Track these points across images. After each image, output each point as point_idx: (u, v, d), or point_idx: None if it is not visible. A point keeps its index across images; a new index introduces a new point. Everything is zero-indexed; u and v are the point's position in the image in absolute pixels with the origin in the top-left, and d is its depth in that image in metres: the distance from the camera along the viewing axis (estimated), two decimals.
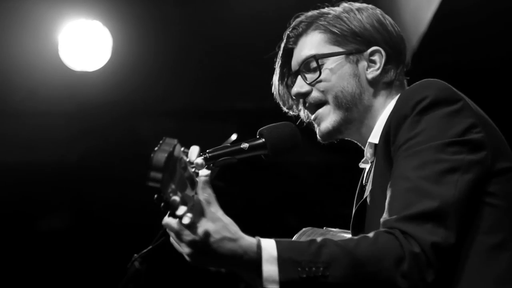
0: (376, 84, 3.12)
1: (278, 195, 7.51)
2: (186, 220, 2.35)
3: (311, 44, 3.16)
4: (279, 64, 3.27)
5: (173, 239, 2.56)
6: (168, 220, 2.47)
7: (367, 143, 3.09)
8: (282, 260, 2.51)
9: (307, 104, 3.17)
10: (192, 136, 2.38)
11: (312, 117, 3.17)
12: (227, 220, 2.53)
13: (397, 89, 3.15)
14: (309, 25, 3.18)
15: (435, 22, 5.95)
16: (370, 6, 3.20)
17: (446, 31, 6.06)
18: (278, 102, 3.31)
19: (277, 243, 2.54)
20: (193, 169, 2.43)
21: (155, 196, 2.28)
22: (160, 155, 2.26)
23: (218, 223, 2.50)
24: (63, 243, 7.40)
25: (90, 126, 7.10)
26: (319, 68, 3.12)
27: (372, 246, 2.57)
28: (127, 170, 7.21)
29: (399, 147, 2.73)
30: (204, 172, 2.45)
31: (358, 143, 3.20)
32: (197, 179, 2.43)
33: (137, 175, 5.83)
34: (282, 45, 3.24)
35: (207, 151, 2.90)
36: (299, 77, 3.17)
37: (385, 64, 3.12)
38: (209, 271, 2.66)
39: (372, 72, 3.11)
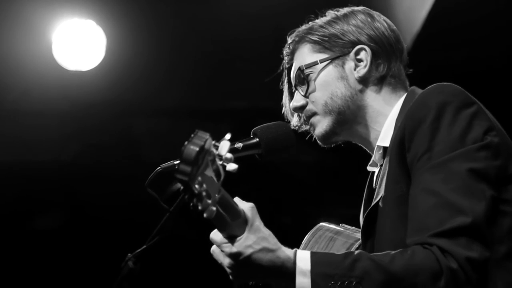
0: (367, 82, 3.11)
1: (272, 194, 7.51)
2: (209, 213, 2.36)
3: (300, 57, 3.19)
4: (284, 84, 3.29)
5: (215, 252, 2.64)
6: (212, 234, 2.59)
7: (376, 146, 3.07)
8: (315, 274, 2.57)
9: (303, 118, 3.19)
10: (186, 135, 2.37)
11: (309, 126, 3.19)
12: (267, 231, 2.62)
13: (399, 87, 3.13)
14: (298, 40, 3.21)
15: (429, 22, 5.96)
16: (357, 8, 3.20)
17: (440, 31, 6.07)
18: (284, 114, 3.32)
19: (312, 256, 2.60)
20: (221, 162, 2.43)
21: (181, 187, 2.28)
22: (191, 149, 2.27)
23: (258, 234, 2.59)
24: (57, 242, 7.39)
25: (84, 126, 7.08)
26: (306, 78, 3.14)
27: (408, 261, 2.57)
28: (121, 169, 7.21)
29: (420, 156, 2.70)
30: (232, 166, 2.47)
31: (362, 146, 3.19)
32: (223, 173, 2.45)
33: (132, 173, 5.84)
34: (283, 65, 3.27)
35: None
36: (296, 91, 3.19)
37: (373, 60, 3.11)
38: (204, 271, 2.66)
39: (360, 71, 3.11)
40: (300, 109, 3.18)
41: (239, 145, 3.01)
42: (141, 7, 6.61)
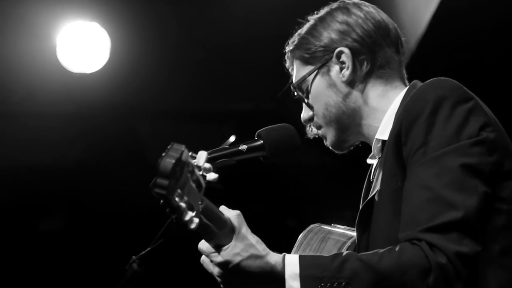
0: (355, 82, 3.08)
1: (277, 197, 7.51)
2: (192, 225, 2.35)
3: (295, 72, 3.20)
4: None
5: (204, 262, 2.65)
6: (200, 244, 2.60)
7: (374, 139, 3.06)
8: (304, 277, 2.57)
9: (314, 128, 3.20)
10: (190, 138, 2.37)
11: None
12: (254, 238, 2.62)
13: (394, 78, 3.09)
14: (289, 56, 3.21)
15: (433, 24, 5.96)
16: (334, 5, 3.17)
17: (444, 33, 6.06)
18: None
19: (300, 259, 2.60)
20: (200, 173, 2.42)
21: (161, 201, 2.27)
22: (167, 162, 2.24)
23: (246, 241, 2.59)
24: (61, 245, 7.40)
25: (89, 128, 7.10)
26: (303, 94, 3.15)
27: (396, 259, 2.57)
28: (125, 171, 7.22)
29: (415, 151, 2.70)
30: (212, 176, 2.46)
31: (368, 143, 3.19)
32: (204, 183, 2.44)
33: (136, 176, 5.84)
34: (291, 80, 3.28)
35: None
36: (303, 105, 3.20)
37: (355, 59, 3.07)
38: (207, 274, 2.66)
39: (344, 74, 3.08)
40: (309, 120, 3.19)
41: (243, 147, 3.00)
42: (145, 9, 6.62)
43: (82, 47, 6.57)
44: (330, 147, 3.19)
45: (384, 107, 3.07)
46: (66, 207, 7.53)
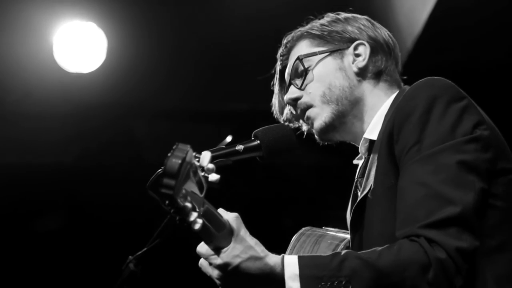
0: (365, 75, 3.13)
1: (274, 196, 7.51)
2: (196, 226, 2.36)
3: (298, 52, 3.21)
4: (277, 84, 3.29)
5: (203, 265, 2.64)
6: (198, 247, 2.60)
7: (362, 138, 3.08)
8: (304, 277, 2.57)
9: (299, 110, 3.18)
10: (187, 138, 2.37)
11: (305, 119, 3.18)
12: (253, 240, 2.62)
13: (394, 85, 3.16)
14: (296, 38, 3.23)
15: (430, 24, 5.96)
16: (359, 15, 3.24)
17: (441, 33, 6.07)
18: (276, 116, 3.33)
19: (299, 260, 2.60)
20: (202, 173, 2.43)
21: (166, 201, 2.27)
22: (173, 162, 2.25)
23: (244, 243, 2.58)
24: (58, 245, 7.39)
25: (85, 128, 7.09)
26: (305, 69, 3.15)
27: (395, 255, 2.57)
28: (122, 171, 7.21)
29: (409, 148, 2.71)
30: (214, 177, 2.47)
31: (355, 144, 3.19)
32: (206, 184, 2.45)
33: (132, 176, 5.84)
34: (277, 66, 3.27)
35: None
36: (291, 85, 3.19)
37: (371, 56, 3.14)
38: (204, 274, 2.66)
39: (358, 63, 3.13)
40: (294, 100, 3.18)
41: (240, 147, 3.00)
42: (142, 9, 6.62)
43: (79, 47, 6.57)
44: (316, 130, 3.16)
45: (380, 107, 3.10)
46: (63, 207, 7.53)
